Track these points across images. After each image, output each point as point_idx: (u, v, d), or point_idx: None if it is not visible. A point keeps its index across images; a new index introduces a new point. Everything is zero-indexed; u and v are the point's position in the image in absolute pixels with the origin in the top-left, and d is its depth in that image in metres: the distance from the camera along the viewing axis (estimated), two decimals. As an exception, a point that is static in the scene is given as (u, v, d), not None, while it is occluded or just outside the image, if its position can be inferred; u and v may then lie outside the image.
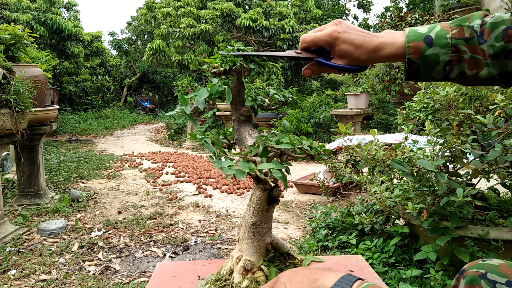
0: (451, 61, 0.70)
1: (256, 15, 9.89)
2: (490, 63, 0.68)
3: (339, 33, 0.74)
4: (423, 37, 0.71)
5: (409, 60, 0.71)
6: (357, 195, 3.23)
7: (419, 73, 0.72)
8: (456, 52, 0.69)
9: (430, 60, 0.70)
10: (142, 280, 2.23)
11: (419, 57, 0.71)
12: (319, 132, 7.07)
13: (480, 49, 0.68)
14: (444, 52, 0.70)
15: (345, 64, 0.75)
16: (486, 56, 0.68)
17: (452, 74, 0.71)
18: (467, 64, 0.69)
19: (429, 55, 0.70)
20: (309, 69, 0.80)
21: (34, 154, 3.66)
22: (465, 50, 0.69)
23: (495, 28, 0.67)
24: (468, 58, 0.69)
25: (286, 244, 1.06)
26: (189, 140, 8.37)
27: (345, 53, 0.74)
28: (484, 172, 1.71)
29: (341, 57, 0.75)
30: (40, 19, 10.21)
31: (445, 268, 1.86)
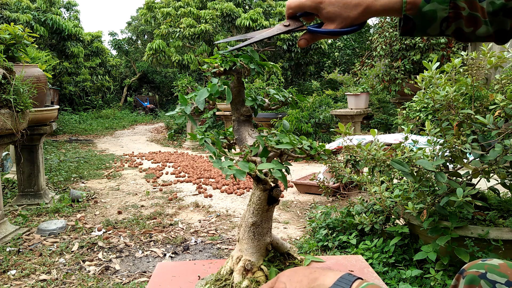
0: (448, 18, 0.68)
1: (256, 15, 9.89)
2: (489, 20, 0.66)
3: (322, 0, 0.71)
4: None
5: (405, 16, 0.69)
6: (357, 195, 3.23)
7: (415, 29, 0.71)
8: (454, 8, 0.68)
9: (427, 17, 0.69)
10: (142, 280, 2.23)
11: (416, 13, 0.69)
12: (319, 132, 7.07)
13: (479, 6, 0.67)
14: (442, 8, 0.68)
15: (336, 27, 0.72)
16: (485, 14, 0.67)
17: (448, 30, 0.69)
18: (465, 21, 0.68)
19: (426, 11, 0.68)
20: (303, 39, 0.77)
21: (34, 154, 3.66)
22: (463, 6, 0.67)
23: None
24: (466, 15, 0.67)
25: (286, 244, 1.06)
26: (189, 140, 8.37)
27: (333, 15, 0.72)
28: (484, 172, 1.71)
29: (330, 20, 0.73)
30: (40, 19, 10.21)
31: (445, 268, 1.86)
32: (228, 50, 0.93)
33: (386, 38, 6.90)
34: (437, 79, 1.88)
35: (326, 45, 11.35)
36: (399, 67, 6.39)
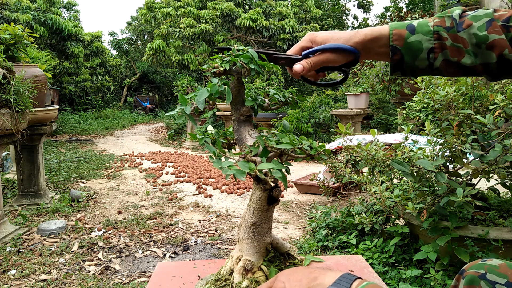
0: (434, 48, 0.70)
1: (256, 15, 9.89)
2: (472, 51, 0.68)
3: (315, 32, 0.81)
4: (405, 25, 0.72)
5: (393, 47, 0.72)
6: (357, 195, 3.23)
7: (404, 62, 0.73)
8: (438, 39, 0.70)
9: (414, 47, 0.71)
10: (142, 280, 2.23)
11: (402, 44, 0.72)
12: (319, 132, 7.07)
13: (460, 37, 0.69)
14: (427, 39, 0.70)
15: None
16: (466, 43, 0.68)
17: (436, 62, 0.71)
18: (450, 51, 0.70)
19: (412, 41, 0.71)
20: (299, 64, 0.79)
21: (34, 154, 3.66)
22: (446, 37, 0.70)
23: (478, 19, 0.68)
24: (449, 45, 0.70)
25: (286, 244, 1.06)
26: (189, 140, 8.37)
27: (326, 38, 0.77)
28: (484, 172, 1.71)
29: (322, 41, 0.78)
30: (40, 19, 10.21)
31: (445, 268, 1.86)
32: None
33: (386, 38, 6.89)
34: (437, 79, 1.88)
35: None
36: (399, 67, 6.37)
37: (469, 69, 0.70)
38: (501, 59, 0.67)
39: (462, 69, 0.71)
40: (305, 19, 12.39)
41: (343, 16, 17.18)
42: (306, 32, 9.64)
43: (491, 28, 0.66)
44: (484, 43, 0.67)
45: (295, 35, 10.67)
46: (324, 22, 14.50)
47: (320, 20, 14.15)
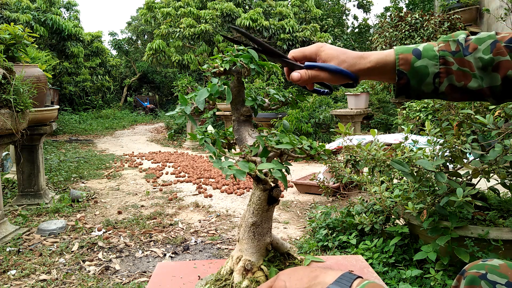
0: (440, 73, 0.71)
1: (256, 15, 9.89)
2: (478, 75, 0.69)
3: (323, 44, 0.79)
4: (411, 50, 0.73)
5: (399, 71, 0.72)
6: (357, 195, 3.23)
7: (409, 87, 0.73)
8: (444, 64, 0.70)
9: (420, 72, 0.71)
10: (142, 280, 2.23)
11: (409, 68, 0.72)
12: (319, 132, 7.07)
13: (466, 61, 0.69)
14: (433, 64, 0.71)
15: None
16: (473, 67, 0.69)
17: (441, 87, 0.72)
18: (455, 76, 0.70)
19: (418, 66, 0.71)
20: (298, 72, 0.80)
21: (34, 154, 3.65)
22: (452, 61, 0.70)
23: (482, 42, 0.69)
24: (456, 69, 0.70)
25: (286, 244, 1.06)
26: (189, 140, 8.37)
27: (331, 56, 0.76)
28: (484, 172, 1.71)
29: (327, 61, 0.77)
30: (40, 19, 10.21)
31: (445, 268, 1.86)
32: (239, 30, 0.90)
33: (386, 38, 6.89)
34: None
35: (326, 45, 11.33)
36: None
37: (474, 93, 0.71)
38: (506, 81, 0.67)
39: (468, 94, 0.71)
40: (305, 19, 12.39)
41: (343, 16, 17.18)
42: (306, 32, 9.57)
43: (496, 50, 0.67)
44: (490, 66, 0.67)
45: (295, 35, 10.66)
46: (324, 22, 14.50)
47: (320, 20, 14.15)
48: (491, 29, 7.25)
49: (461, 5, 7.66)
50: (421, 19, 6.80)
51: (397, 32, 6.79)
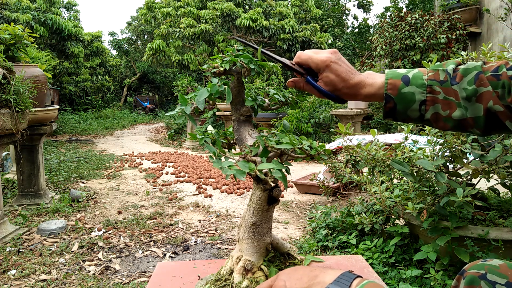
0: (426, 101, 0.73)
1: (256, 15, 9.89)
2: (463, 105, 0.71)
3: (331, 62, 0.79)
4: (401, 76, 0.75)
5: (387, 95, 0.75)
6: (357, 195, 3.23)
7: (396, 111, 0.75)
8: (431, 92, 0.73)
9: (407, 98, 0.73)
10: (142, 280, 2.23)
11: (396, 93, 0.74)
12: (319, 132, 7.07)
13: (452, 90, 0.71)
14: (420, 92, 0.73)
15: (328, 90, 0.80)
16: (458, 97, 0.71)
17: (427, 114, 0.74)
18: (441, 105, 0.72)
19: (405, 92, 0.74)
20: (294, 82, 0.85)
21: (34, 154, 3.65)
22: (439, 91, 0.72)
23: (467, 73, 0.71)
24: (442, 98, 0.72)
25: (286, 244, 1.06)
26: (189, 140, 8.38)
27: (330, 82, 0.79)
28: (484, 172, 1.71)
29: (325, 84, 0.80)
30: (40, 19, 10.21)
31: (445, 268, 1.86)
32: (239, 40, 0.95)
33: (386, 38, 6.90)
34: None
35: (326, 45, 11.35)
36: (399, 67, 6.39)
37: (459, 123, 0.73)
38: (488, 112, 0.69)
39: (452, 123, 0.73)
40: (305, 19, 12.39)
41: (343, 16, 17.18)
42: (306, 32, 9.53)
43: (478, 81, 0.69)
44: (474, 96, 0.69)
45: (295, 35, 10.67)
46: (324, 22, 14.50)
47: (320, 20, 14.15)
48: (491, 29, 7.25)
49: (461, 5, 7.65)
50: (421, 19, 6.80)
51: (397, 32, 6.79)
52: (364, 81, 0.77)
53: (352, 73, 0.78)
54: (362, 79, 0.78)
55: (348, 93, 0.79)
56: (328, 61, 0.78)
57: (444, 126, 0.74)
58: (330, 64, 0.78)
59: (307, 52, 0.82)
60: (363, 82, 0.77)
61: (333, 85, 0.78)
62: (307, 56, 0.81)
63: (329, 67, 0.78)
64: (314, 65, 0.80)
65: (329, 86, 0.79)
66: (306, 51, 0.83)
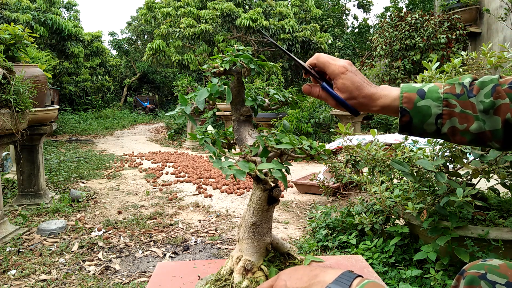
0: (442, 115, 0.72)
1: (256, 15, 9.89)
2: (481, 118, 0.70)
3: (347, 70, 0.79)
4: (416, 89, 0.75)
5: (402, 109, 0.74)
6: (357, 195, 3.23)
7: (412, 125, 0.75)
8: (447, 106, 0.72)
9: (422, 112, 0.73)
10: (142, 280, 2.23)
11: (412, 107, 0.74)
12: (319, 132, 7.07)
13: (470, 103, 0.71)
14: (436, 105, 0.72)
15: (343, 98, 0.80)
16: (475, 109, 0.70)
17: (444, 128, 0.73)
18: (458, 118, 0.72)
19: (421, 106, 0.73)
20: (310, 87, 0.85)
21: (34, 154, 3.65)
22: (455, 104, 0.72)
23: (484, 86, 0.70)
24: (458, 112, 0.71)
25: (286, 244, 1.06)
26: (189, 140, 8.38)
27: (345, 89, 0.79)
28: (484, 172, 1.71)
29: (341, 91, 0.79)
30: (40, 19, 10.21)
31: (445, 268, 1.86)
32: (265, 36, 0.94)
33: (386, 38, 6.90)
34: (437, 79, 1.88)
35: (326, 45, 11.35)
36: (399, 67, 6.39)
37: (477, 136, 0.71)
38: (506, 124, 0.69)
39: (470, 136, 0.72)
40: (305, 19, 12.39)
41: (343, 16, 17.18)
42: (306, 32, 9.53)
43: (495, 93, 0.69)
44: (492, 109, 0.69)
45: (295, 35, 10.66)
46: (324, 22, 14.50)
47: (320, 20, 14.15)
48: (491, 29, 7.25)
49: (461, 5, 7.65)
50: (421, 19, 6.80)
51: (397, 32, 6.79)
52: (380, 93, 0.77)
53: (367, 84, 0.79)
54: (378, 90, 0.78)
55: (363, 103, 0.78)
56: (345, 69, 0.79)
57: (462, 140, 0.73)
58: (347, 72, 0.79)
59: (325, 56, 0.82)
60: (378, 93, 0.77)
61: (349, 92, 0.78)
62: (325, 60, 0.81)
63: (345, 74, 0.79)
64: (330, 71, 0.80)
65: (345, 93, 0.78)
66: (324, 55, 0.83)
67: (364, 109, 0.79)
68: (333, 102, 0.81)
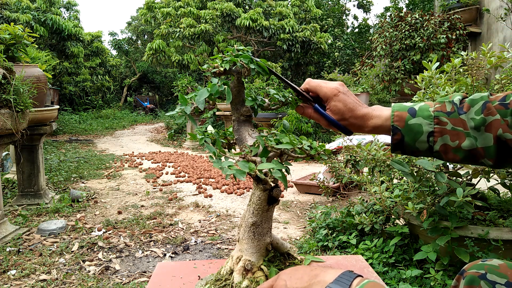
0: (434, 132, 0.73)
1: (256, 15, 9.89)
2: (472, 135, 0.70)
3: (339, 92, 0.81)
4: (407, 108, 0.75)
5: (394, 127, 0.75)
6: (357, 195, 3.23)
7: (403, 143, 0.75)
8: (438, 124, 0.72)
9: (414, 130, 0.74)
10: (142, 280, 2.23)
11: (403, 125, 0.74)
12: (319, 132, 7.07)
13: (460, 120, 0.71)
14: (427, 123, 0.73)
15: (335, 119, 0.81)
16: (467, 126, 0.71)
17: (436, 146, 0.73)
18: (450, 136, 0.72)
19: (412, 124, 0.74)
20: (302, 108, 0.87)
21: (34, 154, 3.65)
22: (446, 121, 0.72)
23: (475, 103, 0.71)
24: (450, 129, 0.72)
25: (286, 244, 1.06)
26: (189, 140, 8.38)
27: (338, 111, 0.80)
28: (484, 172, 1.71)
29: (333, 112, 0.81)
30: (40, 19, 10.21)
31: (445, 268, 1.86)
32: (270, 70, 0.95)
33: (386, 38, 6.90)
34: (437, 79, 1.88)
35: (326, 45, 11.35)
36: (399, 67, 6.39)
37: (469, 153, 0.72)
38: (498, 141, 0.69)
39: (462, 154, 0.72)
40: (305, 19, 12.39)
41: (343, 16, 17.18)
42: (306, 32, 9.54)
43: (486, 110, 0.69)
44: (483, 125, 0.69)
45: (295, 35, 10.66)
46: (324, 22, 14.50)
47: (320, 20, 14.15)
48: (491, 29, 7.25)
49: (461, 5, 7.65)
50: (421, 19, 6.80)
51: (397, 32, 6.79)
52: (371, 113, 0.78)
53: (359, 105, 0.80)
54: (369, 111, 0.79)
55: (355, 124, 0.79)
56: (337, 91, 0.80)
57: (454, 158, 0.73)
58: (339, 94, 0.80)
59: (316, 80, 0.84)
60: (370, 114, 0.78)
61: (341, 114, 0.79)
62: (316, 84, 0.83)
63: (337, 96, 0.80)
64: (322, 93, 0.82)
65: (337, 115, 0.80)
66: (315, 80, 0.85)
67: (356, 130, 0.81)
68: (325, 123, 0.83)
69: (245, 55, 0.95)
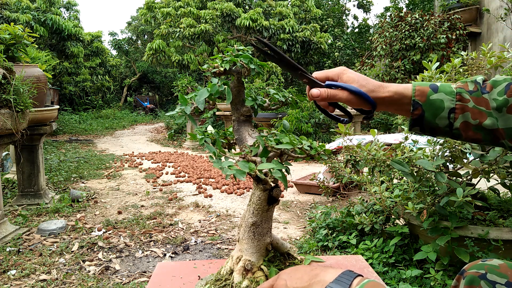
0: (455, 109, 0.72)
1: (256, 15, 9.89)
2: (494, 115, 0.70)
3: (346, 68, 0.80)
4: (428, 84, 0.74)
5: (414, 102, 0.74)
6: (357, 195, 3.23)
7: (424, 119, 0.74)
8: (460, 100, 0.72)
9: (435, 105, 0.72)
10: (142, 280, 2.23)
11: (424, 100, 0.73)
12: (319, 132, 7.07)
13: (483, 99, 0.71)
14: (449, 99, 0.72)
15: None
16: (489, 106, 0.70)
17: (456, 123, 0.72)
18: (471, 113, 0.71)
19: (434, 99, 0.73)
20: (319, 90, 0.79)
21: (34, 154, 3.65)
22: (468, 99, 0.71)
23: (497, 84, 0.70)
24: (471, 107, 0.71)
25: (286, 244, 1.06)
26: (189, 140, 8.38)
27: (352, 79, 0.78)
28: (484, 172, 1.71)
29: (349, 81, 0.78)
30: (40, 19, 10.20)
31: (445, 268, 1.86)
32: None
33: (386, 38, 6.89)
34: (437, 79, 1.88)
35: (326, 45, 11.35)
36: (399, 67, 6.39)
37: (489, 133, 0.71)
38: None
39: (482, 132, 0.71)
40: (305, 19, 12.39)
41: (343, 16, 17.18)
42: (306, 32, 9.55)
43: (509, 91, 0.68)
44: (505, 107, 0.68)
45: (295, 35, 10.66)
46: (324, 22, 14.50)
47: (320, 20, 14.15)
48: (491, 29, 7.24)
49: (461, 5, 7.65)
50: (421, 19, 6.80)
51: (397, 32, 6.79)
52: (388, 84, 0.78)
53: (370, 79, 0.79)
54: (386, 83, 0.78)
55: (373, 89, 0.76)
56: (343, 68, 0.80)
57: (475, 136, 0.72)
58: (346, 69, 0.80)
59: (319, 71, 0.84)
60: (387, 84, 0.77)
61: (357, 81, 0.77)
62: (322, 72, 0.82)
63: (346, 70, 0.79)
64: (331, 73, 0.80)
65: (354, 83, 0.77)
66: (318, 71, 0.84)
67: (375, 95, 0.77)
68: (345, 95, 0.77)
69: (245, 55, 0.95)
